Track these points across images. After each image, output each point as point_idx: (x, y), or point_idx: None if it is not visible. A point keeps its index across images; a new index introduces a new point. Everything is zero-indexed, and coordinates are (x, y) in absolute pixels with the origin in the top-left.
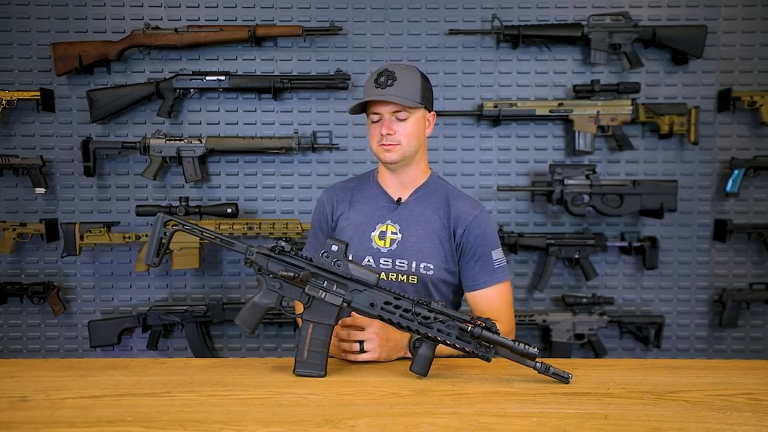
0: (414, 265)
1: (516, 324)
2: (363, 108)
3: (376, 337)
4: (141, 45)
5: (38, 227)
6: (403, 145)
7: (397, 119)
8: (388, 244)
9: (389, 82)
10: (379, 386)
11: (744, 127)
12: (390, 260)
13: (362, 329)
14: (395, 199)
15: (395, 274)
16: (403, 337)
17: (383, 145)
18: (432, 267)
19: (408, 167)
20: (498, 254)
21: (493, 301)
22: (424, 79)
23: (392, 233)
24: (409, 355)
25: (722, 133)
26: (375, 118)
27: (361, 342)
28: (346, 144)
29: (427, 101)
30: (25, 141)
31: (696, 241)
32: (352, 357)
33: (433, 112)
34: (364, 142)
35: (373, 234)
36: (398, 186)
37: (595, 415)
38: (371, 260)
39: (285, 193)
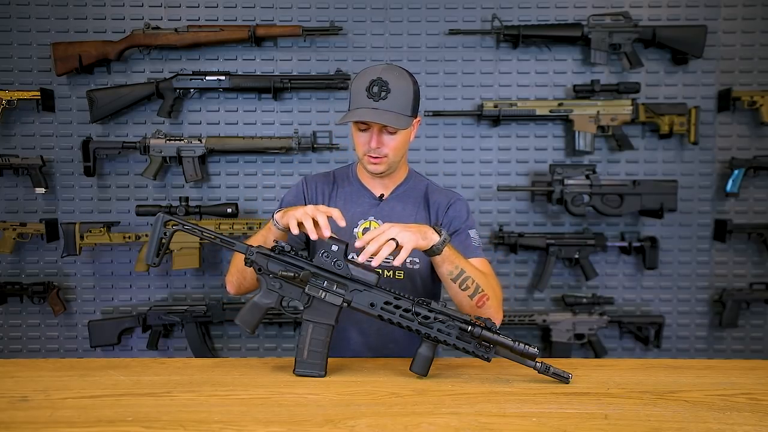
0: None
1: (516, 324)
2: None
3: (396, 227)
4: (141, 45)
5: (38, 227)
6: (389, 157)
7: (387, 132)
8: None
9: (383, 94)
10: (379, 386)
11: (744, 127)
12: None
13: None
14: (377, 195)
15: (381, 270)
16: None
17: (370, 156)
18: (418, 261)
19: (390, 171)
20: (474, 234)
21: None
22: (415, 84)
23: None
24: (435, 233)
25: (722, 133)
26: (363, 127)
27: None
28: (346, 144)
29: (416, 110)
30: (25, 141)
31: (696, 241)
32: (397, 262)
33: (419, 117)
34: None
35: (356, 230)
36: (380, 185)
37: (595, 415)
38: (354, 256)
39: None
